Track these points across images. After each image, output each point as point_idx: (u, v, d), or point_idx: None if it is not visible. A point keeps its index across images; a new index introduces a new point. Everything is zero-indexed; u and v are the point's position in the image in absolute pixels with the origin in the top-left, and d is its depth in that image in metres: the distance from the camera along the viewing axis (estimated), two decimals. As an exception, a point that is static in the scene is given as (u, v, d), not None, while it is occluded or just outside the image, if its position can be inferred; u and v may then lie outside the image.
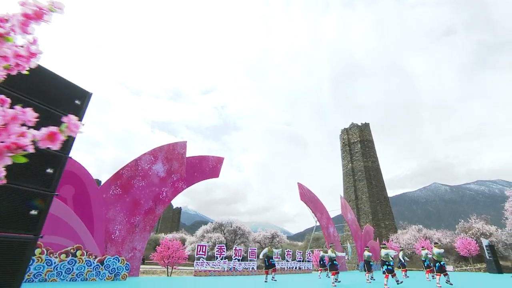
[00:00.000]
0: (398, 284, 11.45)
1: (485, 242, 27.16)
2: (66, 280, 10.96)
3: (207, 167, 19.67)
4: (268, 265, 13.11)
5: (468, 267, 29.62)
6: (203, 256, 17.87)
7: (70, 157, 5.98)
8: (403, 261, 19.46)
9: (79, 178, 12.20)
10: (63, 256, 11.07)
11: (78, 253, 11.45)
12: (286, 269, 23.14)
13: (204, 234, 70.61)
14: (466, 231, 35.86)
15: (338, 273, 12.57)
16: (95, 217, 12.23)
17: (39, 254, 10.58)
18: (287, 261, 23.70)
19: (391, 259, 11.76)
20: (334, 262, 12.68)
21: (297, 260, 24.71)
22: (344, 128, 58.26)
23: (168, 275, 16.79)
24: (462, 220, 38.79)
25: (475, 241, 30.33)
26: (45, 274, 10.58)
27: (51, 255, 10.78)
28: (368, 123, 57.08)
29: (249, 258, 20.86)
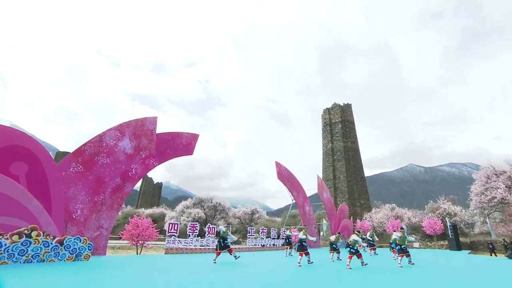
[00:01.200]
0: (362, 265, 11.75)
1: (449, 222, 28.87)
2: (20, 262, 10.33)
3: (180, 144, 18.95)
4: (223, 246, 12.65)
5: (432, 244, 31.56)
6: (174, 234, 17.66)
7: (20, 131, 5.16)
8: (371, 240, 20.26)
9: (33, 154, 11.20)
10: (15, 237, 10.34)
11: (34, 233, 10.73)
12: (261, 246, 23.53)
13: (184, 209, 70.87)
14: (434, 211, 37.90)
15: (308, 254, 12.62)
16: (52, 196, 11.43)
17: (-15, 235, 9.83)
18: (261, 238, 24.06)
19: (356, 245, 12.03)
20: (303, 243, 12.73)
21: (271, 237, 25.15)
22: (326, 108, 58.39)
23: (138, 253, 16.48)
24: (431, 201, 40.89)
25: (441, 221, 32.12)
26: (-5, 256, 9.91)
27: (0, 236, 10.04)
28: (350, 104, 57.40)
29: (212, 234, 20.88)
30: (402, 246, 12.61)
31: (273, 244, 24.87)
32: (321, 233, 45.09)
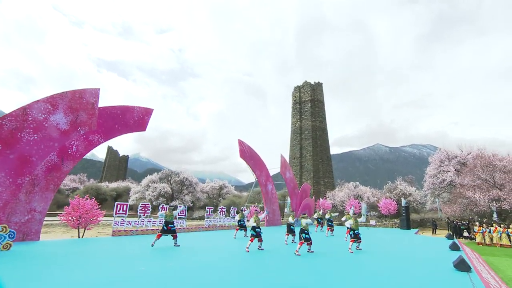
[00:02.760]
0: (308, 252, 11.67)
1: (403, 202, 30.69)
2: None
3: (131, 119, 17.36)
4: (167, 230, 12.11)
5: (386, 222, 33.68)
6: (123, 215, 16.65)
7: None
8: (330, 221, 20.81)
9: None
10: None
11: None
12: (217, 226, 23.26)
13: (149, 184, 68.91)
14: (391, 191, 40.20)
15: (261, 240, 12.21)
16: (-40, 178, 9.76)
17: None
18: (213, 218, 23.74)
19: (309, 228, 11.84)
20: (257, 229, 12.30)
21: (231, 216, 24.99)
22: (297, 86, 57.62)
23: (79, 237, 15.35)
24: (390, 181, 43.16)
25: (396, 202, 34.07)
26: None
27: None
28: (321, 83, 57.13)
29: (177, 216, 20.22)
30: (356, 231, 12.75)
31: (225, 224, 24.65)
32: (285, 210, 46.44)
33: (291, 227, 14.67)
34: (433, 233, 26.58)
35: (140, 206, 17.56)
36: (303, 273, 7.87)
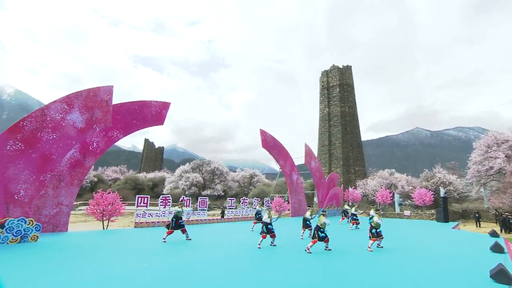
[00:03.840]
0: (326, 249, 10.96)
1: (442, 192, 28.08)
2: (-45, 246, 9.83)
3: (149, 114, 17.64)
4: (175, 225, 12.12)
5: (422, 213, 31.26)
6: (144, 207, 17.20)
7: None
8: (356, 214, 19.61)
9: (-41, 132, 10.07)
10: None
11: (-32, 217, 10.09)
12: (239, 217, 23.24)
13: (182, 174, 71.47)
14: (428, 180, 37.09)
15: (274, 236, 11.73)
16: (-12, 177, 10.53)
17: None
18: (242, 209, 23.72)
19: (326, 227, 11.08)
20: (269, 226, 11.78)
21: (254, 207, 24.84)
22: (325, 70, 54.56)
23: (104, 228, 16.17)
24: (426, 170, 39.85)
25: (432, 192, 31.34)
26: None
27: None
28: (350, 66, 53.53)
29: (198, 207, 20.50)
30: (378, 230, 11.75)
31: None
32: (314, 199, 45.35)
33: (307, 222, 13.98)
34: (476, 226, 24.07)
35: (161, 198, 17.98)
36: (307, 273, 7.29)
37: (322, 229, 10.81)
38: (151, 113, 17.77)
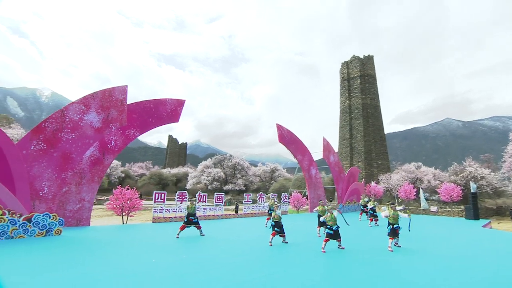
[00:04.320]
0: (339, 248, 10.60)
1: (473, 187, 26.22)
2: (-12, 239, 10.67)
3: (164, 112, 18.01)
4: (187, 221, 12.34)
5: (451, 209, 29.51)
6: (161, 203, 17.69)
7: None
8: (373, 211, 18.91)
9: (-13, 135, 10.84)
10: (-21, 217, 10.54)
11: (-1, 212, 10.89)
12: (256, 213, 23.24)
13: (204, 169, 72.83)
14: (457, 174, 34.88)
15: (284, 236, 11.55)
16: (14, 176, 11.26)
17: None
18: (259, 204, 23.71)
19: (336, 223, 10.68)
20: (273, 222, 11.58)
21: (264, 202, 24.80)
22: (345, 62, 52.43)
23: (123, 223, 16.86)
24: (455, 163, 37.49)
25: (461, 187, 29.40)
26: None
27: (-35, 216, 10.24)
28: (372, 56, 51.07)
29: (215, 203, 20.77)
30: (395, 226, 11.03)
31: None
32: (336, 194, 44.39)
33: (321, 219, 13.62)
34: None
35: (178, 194, 18.39)
36: (307, 273, 7.05)
37: (329, 226, 10.46)
38: (166, 111, 18.12)
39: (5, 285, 5.66)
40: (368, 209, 19.54)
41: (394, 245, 11.13)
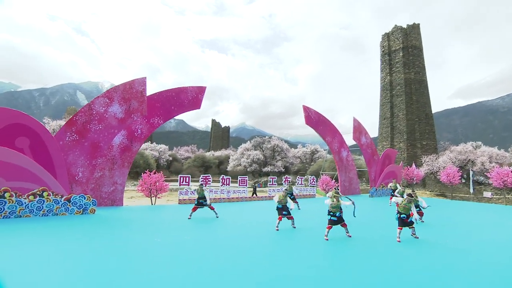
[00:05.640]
0: (347, 235, 10.29)
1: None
2: (38, 215, 12.82)
3: (185, 99, 18.85)
4: (197, 203, 13.04)
5: (505, 197, 26.17)
6: (186, 185, 18.98)
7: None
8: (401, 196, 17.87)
9: (32, 129, 12.72)
10: (31, 197, 12.64)
11: (45, 194, 12.93)
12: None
13: (243, 152, 74.70)
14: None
15: (291, 218, 11.61)
16: (55, 163, 13.16)
17: (9, 196, 12.22)
18: (283, 187, 23.84)
19: (340, 209, 10.31)
20: (280, 206, 11.58)
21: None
22: (385, 33, 47.10)
23: (152, 204, 18.56)
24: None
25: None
26: (19, 212, 12.44)
27: (20, 197, 12.40)
28: (418, 24, 45.08)
29: (239, 185, 21.53)
30: (402, 216, 10.26)
31: (298, 193, 24.41)
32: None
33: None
34: None
35: (202, 178, 19.48)
36: (307, 265, 7.02)
37: (332, 213, 10.16)
38: (188, 98, 18.94)
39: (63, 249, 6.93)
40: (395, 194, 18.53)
41: (411, 235, 10.34)
